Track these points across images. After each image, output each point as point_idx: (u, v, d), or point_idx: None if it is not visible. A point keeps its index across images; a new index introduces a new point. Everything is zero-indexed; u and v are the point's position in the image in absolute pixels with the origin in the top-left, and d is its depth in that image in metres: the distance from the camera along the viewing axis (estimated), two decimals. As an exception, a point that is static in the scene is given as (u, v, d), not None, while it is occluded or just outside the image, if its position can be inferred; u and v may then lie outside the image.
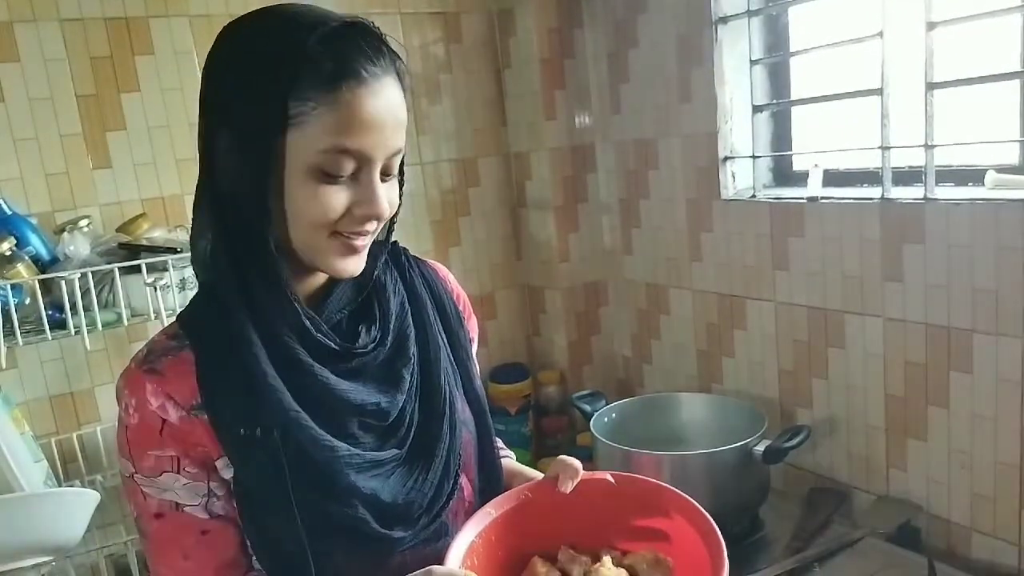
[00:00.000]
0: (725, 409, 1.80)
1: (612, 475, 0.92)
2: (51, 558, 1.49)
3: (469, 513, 0.89)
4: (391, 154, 0.78)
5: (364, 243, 0.81)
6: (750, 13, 1.82)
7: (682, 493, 0.89)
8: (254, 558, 0.84)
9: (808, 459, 1.80)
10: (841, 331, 1.68)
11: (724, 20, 1.85)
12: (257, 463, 0.79)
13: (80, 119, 1.81)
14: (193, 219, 0.84)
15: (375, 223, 0.80)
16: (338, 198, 0.76)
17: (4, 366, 1.49)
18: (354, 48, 0.75)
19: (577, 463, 0.91)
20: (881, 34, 1.52)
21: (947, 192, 1.51)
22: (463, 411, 0.94)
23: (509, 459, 1.05)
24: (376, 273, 0.89)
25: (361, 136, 0.74)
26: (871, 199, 1.58)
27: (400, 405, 0.86)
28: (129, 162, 1.87)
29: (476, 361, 1.01)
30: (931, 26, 1.44)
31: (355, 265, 0.82)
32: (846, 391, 1.70)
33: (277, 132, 0.73)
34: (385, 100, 0.76)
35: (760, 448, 1.55)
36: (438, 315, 0.96)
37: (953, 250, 1.44)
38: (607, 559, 0.86)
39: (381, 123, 0.75)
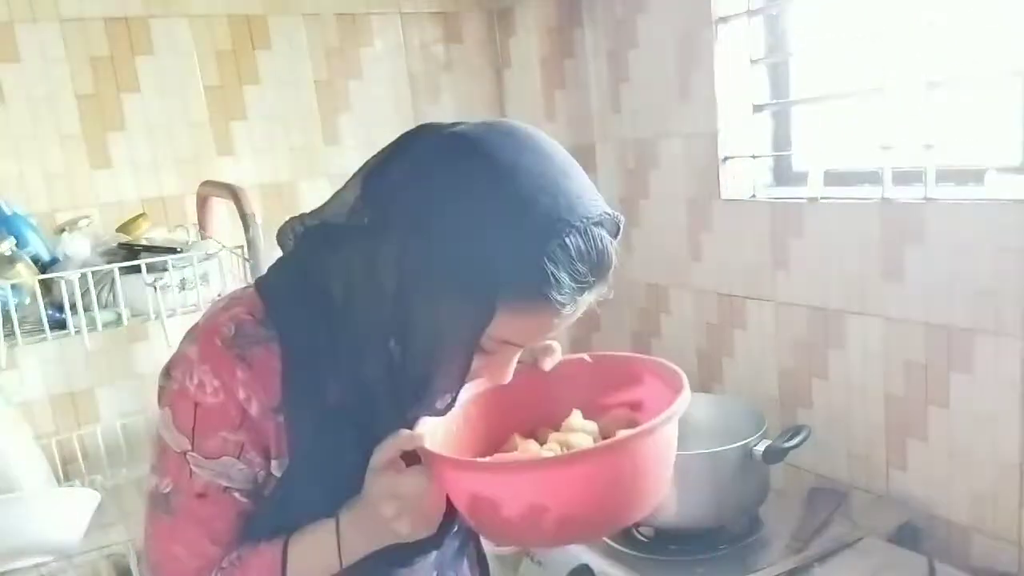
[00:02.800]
0: (725, 409, 1.79)
1: (589, 355, 0.96)
2: (51, 558, 1.49)
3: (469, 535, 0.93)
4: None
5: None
6: (750, 13, 1.82)
7: (653, 357, 0.93)
8: None
9: (808, 459, 1.79)
10: (841, 331, 1.68)
11: (724, 20, 1.85)
12: (314, 484, 0.79)
13: (80, 119, 1.81)
14: (346, 191, 0.78)
15: None
16: (476, 365, 0.76)
17: (4, 366, 1.49)
18: (570, 270, 0.71)
19: (556, 345, 0.92)
20: (881, 33, 1.51)
21: (947, 192, 1.50)
22: None
23: None
24: None
25: (531, 339, 0.78)
26: (871, 199, 1.58)
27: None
28: (129, 162, 1.87)
29: None
30: (931, 26, 1.43)
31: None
32: (846, 391, 1.70)
33: (484, 316, 0.71)
34: (569, 318, 0.76)
35: (760, 448, 1.55)
36: None
37: (953, 250, 1.44)
38: (577, 412, 0.89)
39: (553, 332, 0.77)
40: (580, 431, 0.88)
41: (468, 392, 0.88)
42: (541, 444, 0.89)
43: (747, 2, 1.83)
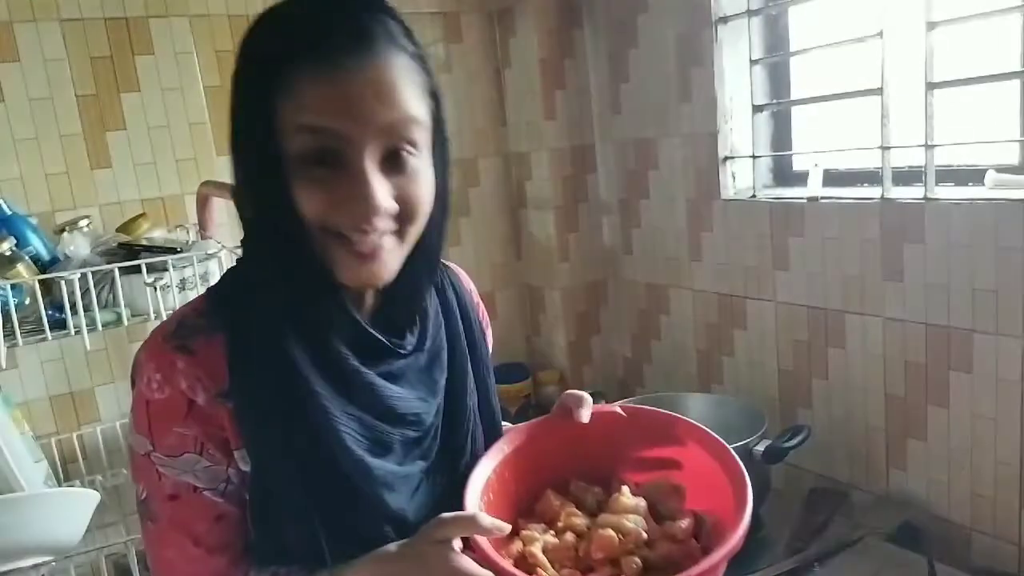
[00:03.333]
0: (725, 409, 1.79)
1: (621, 407, 0.93)
2: (51, 558, 1.49)
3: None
4: (383, 134, 0.70)
5: (369, 247, 0.72)
6: (750, 13, 1.82)
7: (691, 420, 0.91)
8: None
9: (808, 459, 1.79)
10: (841, 331, 1.68)
11: (724, 20, 1.85)
12: (282, 467, 0.76)
13: (80, 119, 1.81)
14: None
15: (372, 223, 0.71)
16: (317, 196, 0.70)
17: (4, 366, 1.49)
18: (323, 16, 0.69)
19: (587, 395, 0.90)
20: (881, 34, 1.52)
21: (947, 192, 1.50)
22: (479, 427, 0.92)
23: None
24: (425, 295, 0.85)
25: (325, 112, 0.68)
26: (871, 199, 1.58)
27: (433, 414, 0.84)
28: (129, 162, 1.87)
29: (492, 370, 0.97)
30: (931, 26, 1.44)
31: (365, 272, 0.74)
32: (846, 391, 1.70)
33: (266, 125, 0.69)
34: (355, 74, 0.68)
35: (760, 448, 1.55)
36: (463, 329, 0.92)
37: (953, 250, 1.44)
38: (625, 489, 0.86)
39: (354, 100, 0.68)
40: (632, 511, 0.84)
41: (501, 455, 0.87)
42: (575, 502, 0.87)
43: (747, 2, 1.83)
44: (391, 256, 0.75)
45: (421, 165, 0.74)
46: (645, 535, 0.82)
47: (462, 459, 0.87)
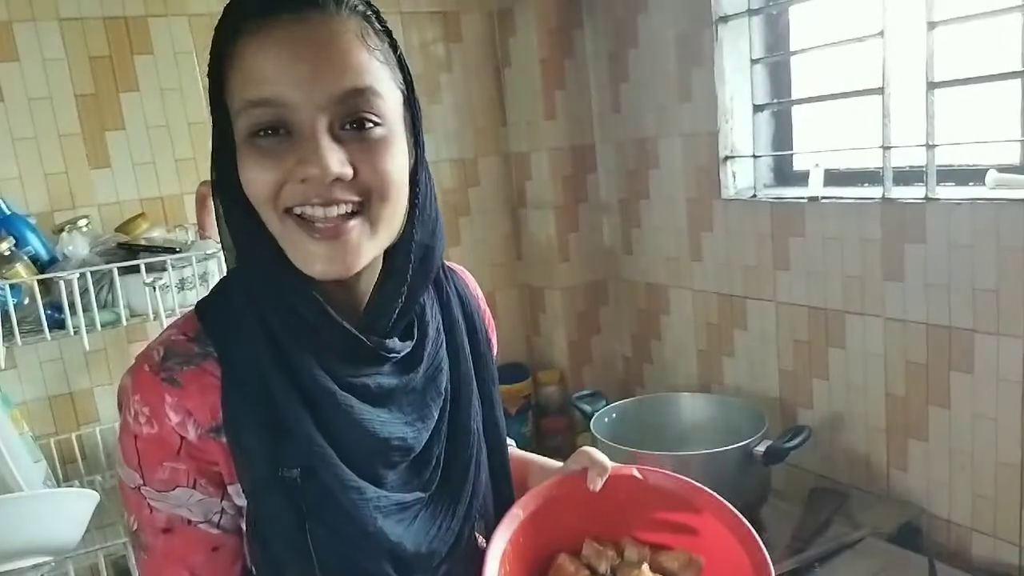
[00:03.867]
0: (726, 409, 1.79)
1: (638, 470, 0.91)
2: (50, 558, 1.48)
3: (476, 561, 0.80)
4: (335, 98, 0.65)
5: (326, 222, 0.67)
6: (751, 12, 1.82)
7: (710, 491, 0.88)
8: None
9: (809, 459, 1.79)
10: (842, 331, 1.68)
11: (724, 19, 1.85)
12: (277, 503, 0.72)
13: (79, 119, 1.81)
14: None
15: (328, 192, 0.65)
16: (271, 163, 0.65)
17: (3, 366, 1.49)
18: None
19: (606, 460, 0.87)
20: (882, 33, 1.51)
21: (948, 192, 1.50)
22: (484, 447, 0.87)
23: (511, 447, 0.99)
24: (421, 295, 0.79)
25: (264, 81, 0.64)
26: (872, 199, 1.58)
27: (424, 442, 0.79)
28: (128, 162, 1.86)
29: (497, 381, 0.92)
30: (932, 26, 1.43)
31: (329, 257, 0.67)
32: (847, 391, 1.70)
33: (216, 99, 0.69)
34: (288, 34, 0.64)
35: (761, 448, 1.55)
36: (468, 340, 0.87)
37: (954, 250, 1.44)
38: (645, 567, 0.85)
39: (289, 61, 0.64)
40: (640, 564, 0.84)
41: (516, 521, 0.84)
42: (586, 565, 0.86)
43: (747, 1, 1.83)
44: (360, 240, 0.68)
45: (389, 137, 0.69)
46: None
47: (464, 486, 0.82)
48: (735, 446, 1.54)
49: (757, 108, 1.88)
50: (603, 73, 2.24)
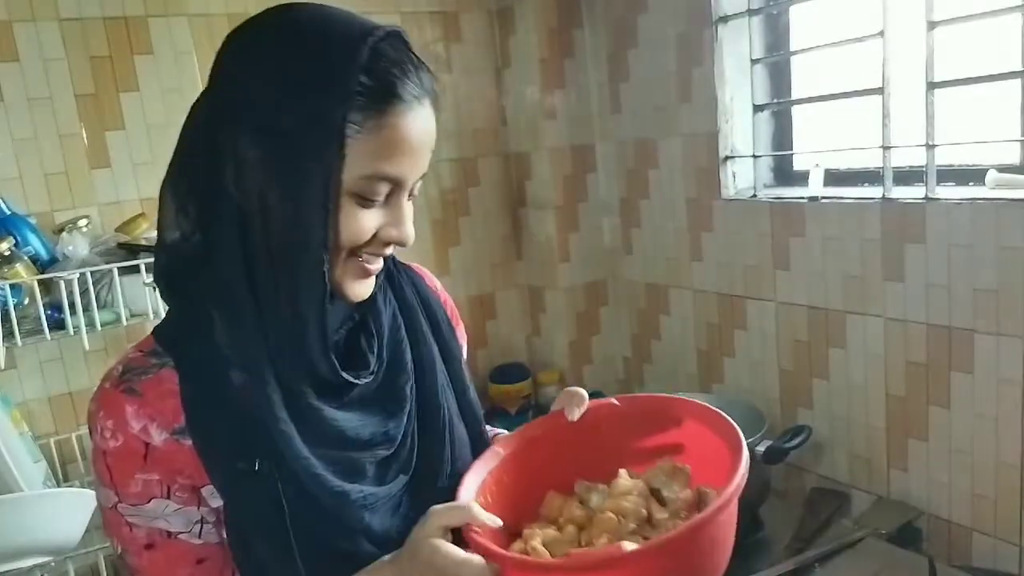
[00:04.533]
0: (726, 409, 1.75)
1: (617, 398, 0.91)
2: (50, 558, 1.48)
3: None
4: (420, 176, 0.76)
5: (379, 267, 0.78)
6: (750, 12, 1.82)
7: (685, 398, 0.89)
8: None
9: (809, 459, 1.79)
10: (842, 331, 1.68)
11: (724, 19, 1.85)
12: (254, 497, 0.74)
13: (79, 119, 1.81)
14: (167, 216, 0.75)
15: (389, 249, 0.77)
16: (369, 222, 0.73)
17: (3, 366, 1.49)
18: (400, 67, 0.71)
19: (582, 391, 0.88)
20: (882, 33, 1.51)
21: (948, 192, 1.50)
22: (459, 427, 0.89)
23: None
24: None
25: (401, 163, 0.72)
26: (872, 199, 1.58)
27: (403, 426, 0.82)
28: (128, 162, 1.86)
29: (467, 368, 0.95)
30: (932, 25, 1.43)
31: (367, 289, 0.78)
32: (847, 391, 1.70)
33: (335, 155, 0.68)
34: (423, 123, 0.73)
35: (761, 448, 1.55)
36: (429, 324, 0.90)
37: (954, 250, 1.44)
38: (623, 471, 0.84)
39: (420, 148, 0.73)
40: (630, 493, 0.82)
41: (497, 458, 0.85)
42: (579, 501, 0.85)
43: (747, 1, 1.83)
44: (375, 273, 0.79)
45: None
46: (645, 512, 0.80)
47: (442, 462, 0.84)
48: (735, 446, 1.54)
49: (757, 108, 1.88)
50: (603, 73, 2.24)
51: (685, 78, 1.96)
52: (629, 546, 0.69)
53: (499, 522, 0.75)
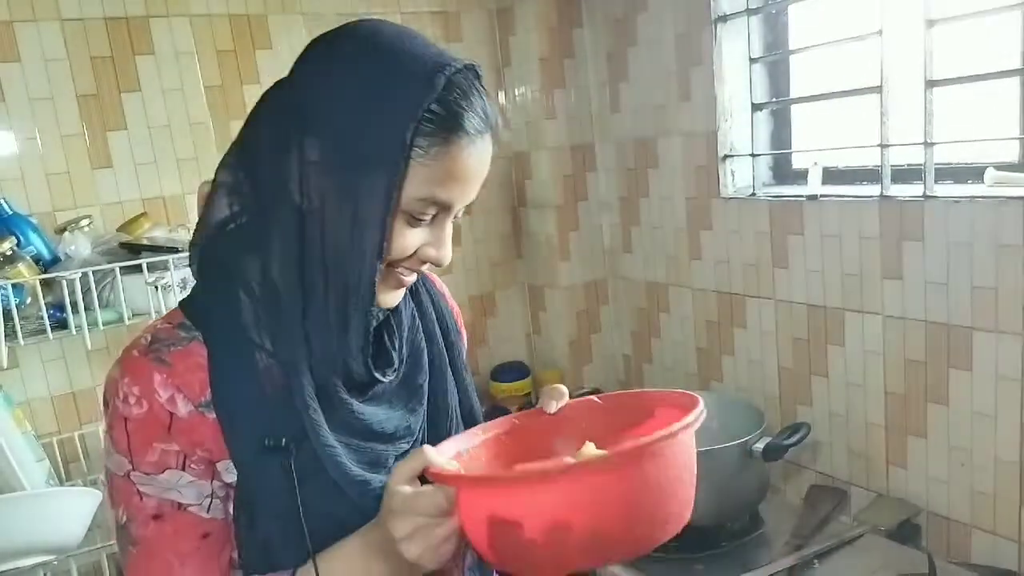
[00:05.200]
0: (725, 407, 1.80)
1: (599, 396, 0.93)
2: (53, 557, 1.49)
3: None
4: (468, 203, 0.80)
5: (413, 280, 0.82)
6: (749, 11, 1.83)
7: (663, 390, 0.91)
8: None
9: (808, 457, 1.80)
10: (841, 329, 1.68)
11: (723, 18, 1.85)
12: (270, 475, 0.75)
13: (81, 119, 1.81)
14: (218, 195, 0.78)
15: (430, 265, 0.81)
16: (413, 239, 0.76)
17: (5, 366, 1.50)
18: (469, 100, 0.74)
19: (562, 387, 0.90)
20: (880, 32, 1.52)
21: (946, 190, 1.51)
22: (461, 428, 0.92)
23: None
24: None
25: (454, 190, 0.75)
26: (871, 197, 1.59)
27: (421, 422, 0.86)
28: (130, 162, 1.87)
29: (469, 372, 0.99)
30: (930, 24, 1.44)
31: (397, 298, 0.82)
32: (846, 389, 1.70)
33: (401, 174, 0.72)
34: (481, 156, 0.76)
35: (760, 446, 1.56)
36: (440, 330, 0.94)
37: (952, 247, 1.44)
38: (589, 443, 0.84)
39: (474, 179, 0.77)
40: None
41: (477, 438, 0.86)
42: None
43: (746, 1, 1.83)
44: None
45: None
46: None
47: None
48: (734, 443, 1.55)
49: (756, 107, 1.88)
50: (603, 72, 2.24)
51: (684, 77, 1.96)
52: (572, 460, 0.70)
53: (456, 465, 0.77)
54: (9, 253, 1.53)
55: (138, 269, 1.55)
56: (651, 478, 0.71)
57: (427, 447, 0.75)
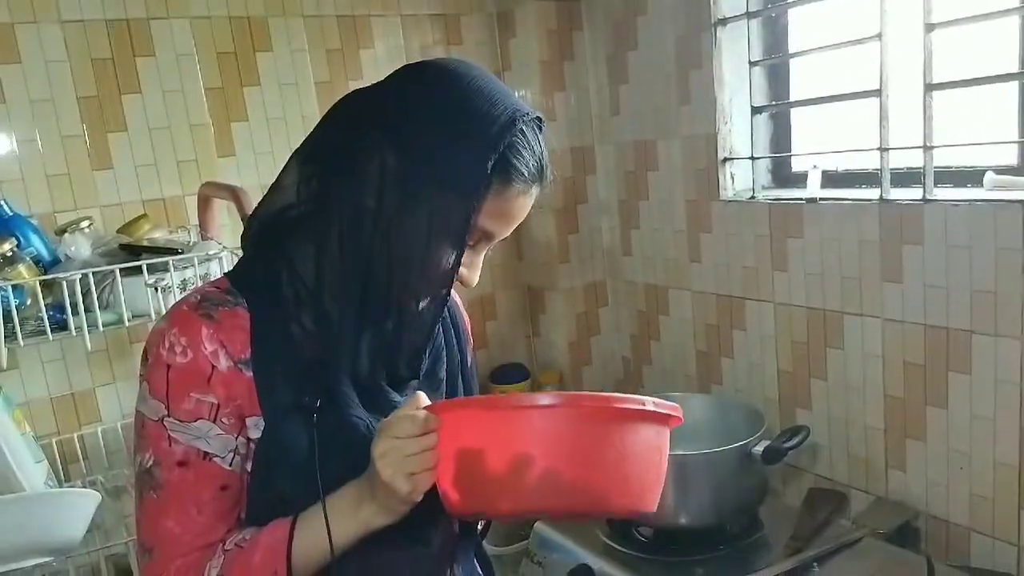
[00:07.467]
0: (724, 409, 1.80)
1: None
2: (52, 558, 1.49)
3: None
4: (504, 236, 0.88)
5: None
6: (749, 15, 1.83)
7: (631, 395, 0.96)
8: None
9: (807, 459, 1.80)
10: (840, 332, 1.69)
11: (723, 22, 1.86)
12: (295, 433, 0.81)
13: (81, 120, 1.81)
14: (286, 180, 0.84)
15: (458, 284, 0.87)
16: (461, 256, 0.83)
17: (5, 367, 1.50)
18: (532, 150, 0.82)
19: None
20: (880, 35, 1.52)
21: (946, 193, 1.51)
22: None
23: None
24: None
25: (500, 225, 0.84)
26: (870, 200, 1.59)
27: None
28: (130, 163, 1.87)
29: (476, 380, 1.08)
30: (930, 28, 1.44)
31: None
32: (845, 392, 1.71)
33: (476, 198, 0.79)
34: (528, 202, 0.84)
35: (759, 448, 1.56)
36: (455, 337, 1.02)
37: (952, 251, 1.45)
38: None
39: (518, 219, 0.85)
40: None
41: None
42: None
43: (746, 4, 1.83)
44: None
45: None
46: None
47: None
48: (734, 446, 1.55)
49: (755, 110, 1.89)
50: (602, 75, 2.25)
51: (684, 80, 1.97)
52: (544, 399, 0.76)
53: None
54: (9, 254, 1.52)
55: (138, 270, 1.55)
56: (615, 438, 0.76)
57: (420, 392, 0.82)
